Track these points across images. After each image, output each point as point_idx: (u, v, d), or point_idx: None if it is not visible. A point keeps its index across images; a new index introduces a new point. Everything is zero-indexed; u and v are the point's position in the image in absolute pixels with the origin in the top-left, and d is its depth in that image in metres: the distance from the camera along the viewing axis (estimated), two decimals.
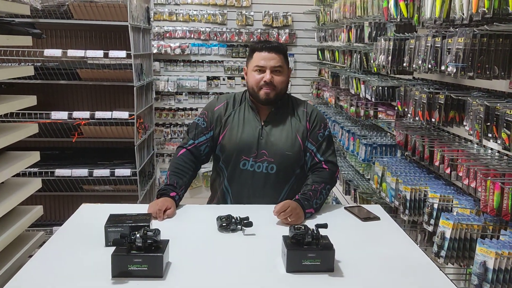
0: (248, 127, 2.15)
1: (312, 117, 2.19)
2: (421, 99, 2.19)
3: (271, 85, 2.10)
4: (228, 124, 2.17)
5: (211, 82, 5.27)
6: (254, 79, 2.12)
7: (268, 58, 2.10)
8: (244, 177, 2.14)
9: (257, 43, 2.16)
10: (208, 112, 2.21)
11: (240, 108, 2.20)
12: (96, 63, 3.73)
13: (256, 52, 2.13)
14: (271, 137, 2.13)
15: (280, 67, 2.12)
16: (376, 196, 2.95)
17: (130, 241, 1.45)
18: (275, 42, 2.19)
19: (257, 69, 2.11)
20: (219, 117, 2.18)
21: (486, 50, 1.74)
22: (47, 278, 1.46)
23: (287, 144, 2.13)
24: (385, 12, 2.55)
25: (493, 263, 1.55)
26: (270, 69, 2.10)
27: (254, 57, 2.13)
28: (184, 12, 5.15)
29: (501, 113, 1.63)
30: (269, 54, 2.10)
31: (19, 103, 2.05)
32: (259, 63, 2.10)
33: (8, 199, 1.87)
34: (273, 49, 2.11)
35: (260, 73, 2.11)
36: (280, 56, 2.12)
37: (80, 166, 3.78)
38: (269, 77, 2.09)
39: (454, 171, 2.06)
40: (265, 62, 2.10)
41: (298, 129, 2.16)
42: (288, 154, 2.11)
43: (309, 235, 1.51)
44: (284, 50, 2.16)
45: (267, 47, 2.10)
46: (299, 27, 5.30)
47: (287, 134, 2.14)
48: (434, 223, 2.03)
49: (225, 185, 2.19)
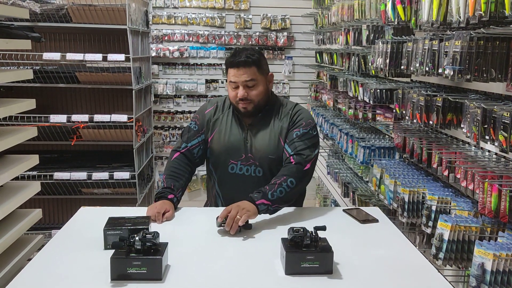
0: (234, 131, 2.15)
1: (294, 118, 2.13)
2: (419, 101, 2.20)
3: (246, 100, 2.08)
4: (216, 127, 2.17)
5: (209, 85, 5.28)
6: (231, 94, 2.12)
7: (239, 74, 2.06)
8: (234, 180, 2.13)
9: (230, 57, 2.11)
10: (199, 115, 2.22)
11: (228, 112, 2.19)
12: (95, 67, 3.74)
13: (229, 68, 2.10)
14: (255, 141, 2.12)
15: (253, 81, 2.06)
16: (375, 198, 2.96)
17: (129, 244, 1.45)
18: (244, 55, 2.05)
19: (232, 85, 2.10)
20: (209, 120, 2.19)
21: (483, 53, 1.75)
22: (46, 281, 1.47)
23: (270, 148, 2.11)
24: (383, 15, 2.56)
25: (491, 265, 1.55)
26: (242, 85, 2.06)
27: (229, 72, 2.11)
28: (182, 16, 5.16)
29: (498, 115, 1.64)
30: (238, 70, 2.06)
31: (18, 106, 2.05)
32: (231, 79, 2.08)
33: (7, 202, 1.87)
34: (242, 64, 2.04)
35: (234, 89, 2.09)
36: (251, 69, 2.05)
37: (79, 169, 3.78)
38: (242, 93, 2.06)
39: (452, 173, 2.06)
40: (236, 78, 2.06)
41: (280, 131, 2.12)
42: (271, 158, 2.10)
43: (308, 238, 1.51)
44: (255, 61, 2.07)
45: (235, 63, 2.06)
46: (298, 30, 5.32)
47: (270, 138, 2.12)
48: (432, 225, 2.03)
49: (216, 189, 2.20)
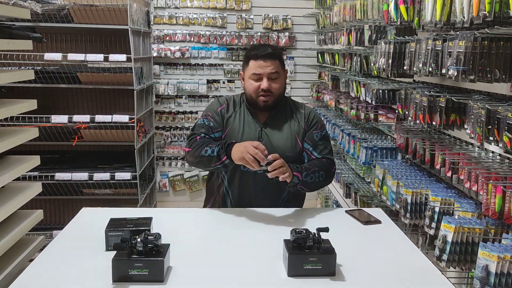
0: (247, 129, 2.15)
1: (310, 118, 2.20)
2: (421, 102, 2.19)
3: (269, 92, 2.10)
4: (228, 126, 2.16)
5: (211, 85, 5.27)
6: (252, 86, 2.11)
7: (264, 66, 2.08)
8: (245, 179, 2.13)
9: (252, 50, 2.13)
10: (212, 113, 2.18)
11: (240, 110, 2.19)
12: (96, 67, 3.73)
13: (251, 60, 2.11)
14: (271, 138, 2.13)
15: (277, 73, 2.11)
16: (377, 199, 2.94)
17: (131, 246, 1.44)
18: (270, 48, 2.12)
19: (254, 77, 2.10)
20: (223, 118, 2.18)
21: (487, 53, 1.74)
22: (47, 282, 1.46)
23: (287, 145, 2.13)
24: (385, 15, 2.55)
25: (495, 267, 1.54)
26: (267, 77, 2.09)
27: (250, 64, 2.11)
28: (184, 16, 5.16)
29: (503, 116, 1.63)
30: (264, 62, 2.08)
31: (19, 107, 2.05)
32: (255, 71, 2.09)
33: (9, 203, 1.87)
34: (268, 57, 2.08)
35: (257, 81, 2.10)
36: (275, 62, 2.10)
37: (80, 170, 3.78)
38: (266, 84, 2.08)
39: (455, 175, 2.05)
40: (262, 69, 2.08)
41: (297, 131, 2.17)
42: (288, 155, 2.09)
43: (311, 239, 1.51)
44: (279, 55, 2.14)
45: (262, 55, 2.08)
46: (299, 30, 5.31)
47: (287, 136, 2.15)
48: (435, 227, 2.02)
49: (225, 187, 2.18)
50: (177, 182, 5.35)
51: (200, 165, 2.08)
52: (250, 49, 2.16)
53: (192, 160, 2.08)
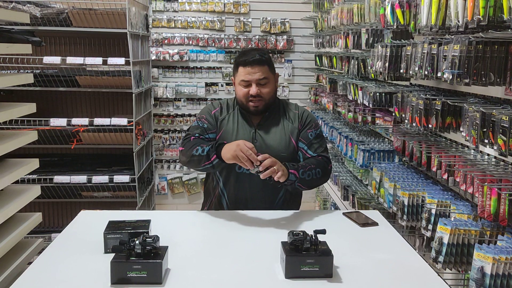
0: (241, 131, 2.17)
1: (303, 118, 2.22)
2: (418, 105, 2.20)
3: (259, 97, 2.12)
4: (222, 128, 2.18)
5: (209, 88, 5.28)
6: (242, 92, 2.14)
7: (252, 72, 2.10)
8: (241, 180, 2.14)
9: (241, 57, 2.15)
10: (206, 115, 2.21)
11: (234, 113, 2.22)
12: (95, 70, 3.75)
13: (240, 67, 2.13)
14: (266, 140, 2.15)
15: (266, 79, 2.12)
16: (374, 201, 2.96)
17: (129, 248, 1.45)
18: (257, 54, 2.13)
19: (243, 83, 2.13)
20: (216, 120, 2.20)
21: (481, 57, 1.76)
22: (46, 285, 1.47)
23: (281, 145, 2.15)
24: (382, 19, 2.57)
25: (490, 269, 1.55)
26: (256, 83, 2.11)
27: (239, 71, 2.13)
28: (182, 19, 5.18)
29: (497, 119, 1.65)
30: (252, 68, 2.10)
31: (18, 110, 2.05)
32: (244, 77, 2.11)
33: (7, 206, 1.87)
34: (256, 63, 2.10)
35: (246, 87, 2.13)
36: (264, 68, 2.12)
37: (79, 173, 3.79)
38: (255, 90, 2.10)
39: (451, 177, 2.07)
40: (250, 76, 2.10)
41: (291, 131, 2.19)
42: (283, 156, 2.10)
43: (308, 241, 1.52)
44: (267, 60, 2.15)
45: (250, 62, 2.10)
46: (297, 33, 5.33)
47: (281, 136, 2.17)
48: (432, 229, 2.03)
49: (221, 188, 2.20)
50: (175, 185, 5.36)
51: (191, 165, 2.09)
52: (239, 55, 2.18)
53: (184, 160, 2.10)
